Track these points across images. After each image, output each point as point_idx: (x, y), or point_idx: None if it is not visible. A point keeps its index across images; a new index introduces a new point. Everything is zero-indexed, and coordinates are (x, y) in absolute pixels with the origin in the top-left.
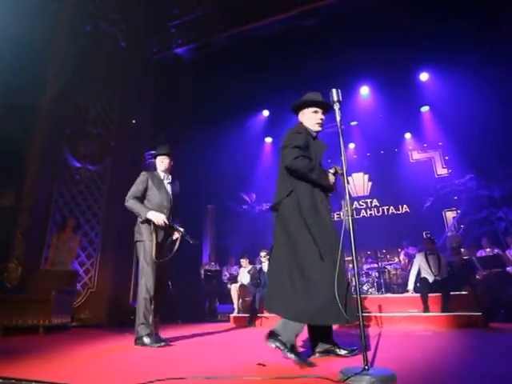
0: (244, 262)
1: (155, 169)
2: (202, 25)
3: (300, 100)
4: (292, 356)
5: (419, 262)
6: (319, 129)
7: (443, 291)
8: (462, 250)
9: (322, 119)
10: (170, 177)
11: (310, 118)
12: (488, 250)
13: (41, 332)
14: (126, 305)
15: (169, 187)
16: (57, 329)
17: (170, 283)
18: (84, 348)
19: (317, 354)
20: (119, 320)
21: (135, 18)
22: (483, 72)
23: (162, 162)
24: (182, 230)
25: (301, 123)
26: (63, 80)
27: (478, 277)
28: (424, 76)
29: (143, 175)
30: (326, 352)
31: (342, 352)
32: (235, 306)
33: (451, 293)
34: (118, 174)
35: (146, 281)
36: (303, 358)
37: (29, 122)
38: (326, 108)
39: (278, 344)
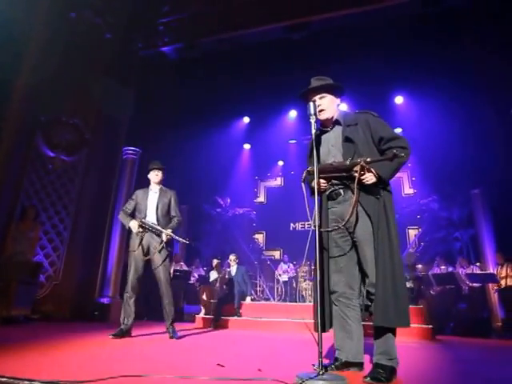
0: (215, 263)
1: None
2: (190, 25)
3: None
4: None
5: None
6: (323, 116)
7: None
8: (420, 266)
9: (319, 105)
10: (158, 187)
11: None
12: (443, 267)
13: None
14: (91, 300)
15: (154, 197)
16: (16, 321)
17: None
18: (41, 341)
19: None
20: (82, 314)
21: (122, 10)
22: (453, 101)
23: (156, 176)
24: (168, 232)
25: None
26: (42, 65)
27: (432, 292)
28: (399, 99)
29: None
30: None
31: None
32: (202, 307)
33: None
34: (92, 167)
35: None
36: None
37: (1, 105)
38: (316, 91)
39: None
